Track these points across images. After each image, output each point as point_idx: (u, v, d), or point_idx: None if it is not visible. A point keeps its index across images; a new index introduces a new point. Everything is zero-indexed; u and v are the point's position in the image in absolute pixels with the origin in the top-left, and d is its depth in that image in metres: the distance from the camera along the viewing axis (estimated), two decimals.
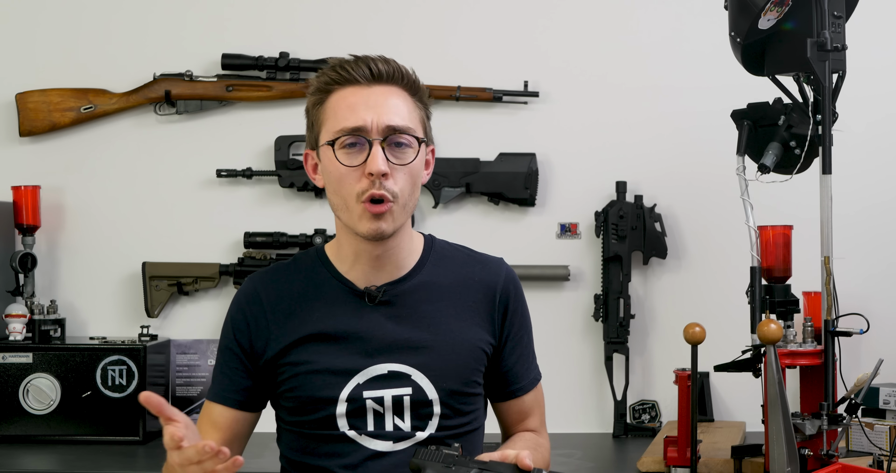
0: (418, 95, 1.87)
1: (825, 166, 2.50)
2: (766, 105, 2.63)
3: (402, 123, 1.82)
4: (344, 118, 1.81)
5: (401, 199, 1.83)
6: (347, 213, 1.83)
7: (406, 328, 1.88)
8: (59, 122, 3.22)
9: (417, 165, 1.85)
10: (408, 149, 1.83)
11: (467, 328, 1.91)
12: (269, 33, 3.25)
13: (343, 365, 1.85)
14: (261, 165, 3.23)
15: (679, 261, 3.21)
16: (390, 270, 1.90)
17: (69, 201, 3.26)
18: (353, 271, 1.90)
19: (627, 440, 3.08)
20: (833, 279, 2.47)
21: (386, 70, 1.83)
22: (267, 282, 1.92)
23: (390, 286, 1.89)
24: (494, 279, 1.95)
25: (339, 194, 1.83)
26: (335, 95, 1.83)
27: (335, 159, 1.81)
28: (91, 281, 3.26)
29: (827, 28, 2.48)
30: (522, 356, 1.97)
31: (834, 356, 2.46)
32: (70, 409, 2.99)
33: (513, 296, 1.96)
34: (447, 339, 1.89)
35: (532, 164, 3.17)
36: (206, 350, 3.23)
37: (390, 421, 1.86)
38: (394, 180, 1.81)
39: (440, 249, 1.97)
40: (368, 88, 1.82)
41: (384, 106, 1.81)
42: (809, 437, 2.40)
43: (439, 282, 1.92)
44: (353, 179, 1.81)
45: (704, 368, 2.65)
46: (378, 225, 1.81)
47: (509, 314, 1.95)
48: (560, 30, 3.25)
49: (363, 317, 1.88)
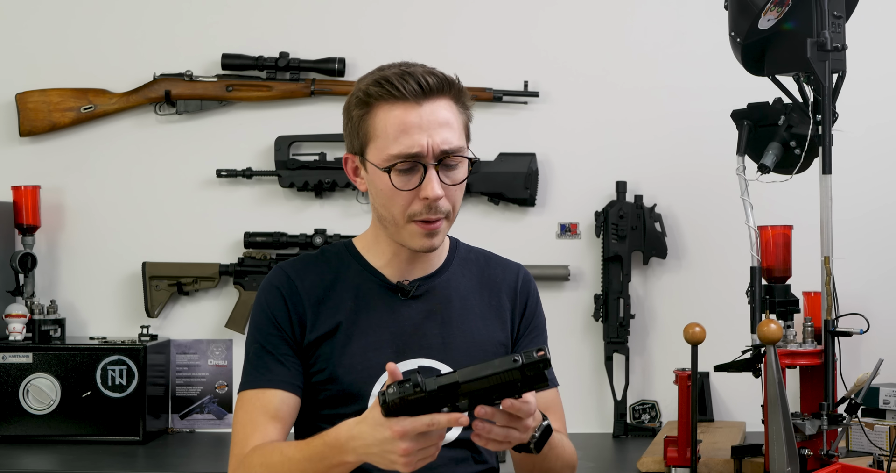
0: (462, 102, 1.86)
1: (825, 166, 2.50)
2: (766, 105, 2.63)
3: (456, 144, 1.81)
4: (398, 142, 1.79)
5: (453, 212, 1.85)
6: (396, 228, 1.85)
7: (436, 323, 1.89)
8: (59, 122, 3.22)
9: (464, 179, 1.86)
10: (459, 167, 1.84)
11: (491, 327, 1.93)
12: (269, 33, 3.24)
13: (376, 359, 1.84)
14: (261, 165, 3.23)
15: (679, 261, 3.21)
16: (423, 266, 1.92)
17: (69, 201, 3.26)
18: (389, 267, 1.91)
19: (627, 440, 3.08)
20: (833, 279, 2.47)
21: (435, 83, 1.81)
22: (298, 270, 1.91)
23: (422, 282, 1.91)
24: (514, 279, 1.98)
25: (387, 209, 1.84)
26: (383, 110, 1.81)
27: (388, 181, 1.80)
28: (91, 281, 3.26)
29: (827, 28, 2.47)
30: None
31: (834, 356, 2.46)
32: (70, 409, 2.99)
33: (531, 296, 1.99)
34: (474, 337, 1.90)
35: (532, 164, 3.17)
36: (206, 350, 3.22)
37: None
38: (447, 199, 1.82)
39: (464, 250, 1.99)
40: (419, 107, 1.80)
41: (436, 127, 1.79)
42: (809, 437, 2.40)
43: (465, 280, 1.94)
44: (406, 199, 1.81)
45: (704, 368, 2.65)
46: (431, 243, 1.84)
47: (528, 313, 1.98)
48: (560, 30, 3.24)
49: (395, 311, 1.88)
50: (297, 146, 3.21)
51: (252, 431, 1.82)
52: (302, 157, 3.19)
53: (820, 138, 2.51)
